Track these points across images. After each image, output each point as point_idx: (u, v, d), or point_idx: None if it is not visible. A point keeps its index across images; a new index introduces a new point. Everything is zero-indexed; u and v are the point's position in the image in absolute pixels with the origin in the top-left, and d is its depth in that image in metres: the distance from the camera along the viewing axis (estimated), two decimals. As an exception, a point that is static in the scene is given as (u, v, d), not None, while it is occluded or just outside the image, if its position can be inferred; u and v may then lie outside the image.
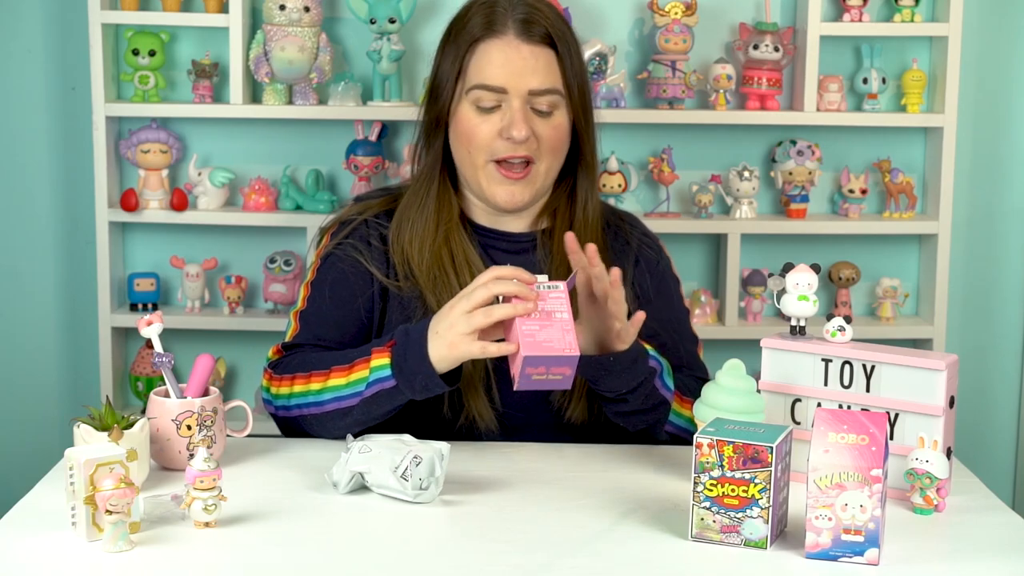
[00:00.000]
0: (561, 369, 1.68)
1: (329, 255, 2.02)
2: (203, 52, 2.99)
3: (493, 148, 1.96)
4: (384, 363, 1.80)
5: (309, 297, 2.01)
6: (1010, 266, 3.20)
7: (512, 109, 1.94)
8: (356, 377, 1.83)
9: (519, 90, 1.94)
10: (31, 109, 3.06)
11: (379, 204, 2.06)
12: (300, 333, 1.99)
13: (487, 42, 1.95)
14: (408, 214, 2.01)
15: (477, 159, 1.97)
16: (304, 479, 1.75)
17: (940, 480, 1.65)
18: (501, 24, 1.95)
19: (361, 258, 2.00)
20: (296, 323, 2.00)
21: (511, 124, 1.93)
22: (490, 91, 1.94)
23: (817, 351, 1.74)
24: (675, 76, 2.95)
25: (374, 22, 2.90)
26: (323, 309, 2.00)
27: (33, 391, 3.13)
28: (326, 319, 1.99)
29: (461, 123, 1.97)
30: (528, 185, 1.98)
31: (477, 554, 1.53)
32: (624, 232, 2.10)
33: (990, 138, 3.15)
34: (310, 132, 3.04)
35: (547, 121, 1.96)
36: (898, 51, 3.08)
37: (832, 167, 3.09)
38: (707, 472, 1.53)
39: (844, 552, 1.49)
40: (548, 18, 1.97)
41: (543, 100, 1.95)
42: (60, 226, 3.10)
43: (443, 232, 1.99)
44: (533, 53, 1.95)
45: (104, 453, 1.54)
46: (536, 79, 1.94)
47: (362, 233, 2.02)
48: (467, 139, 1.97)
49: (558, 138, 1.98)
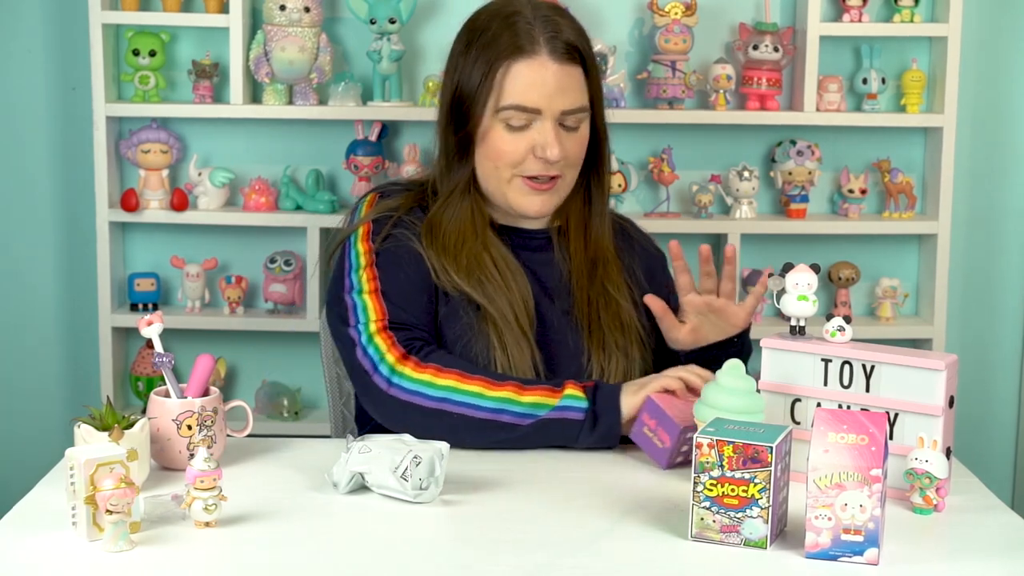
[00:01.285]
0: (665, 436, 1.80)
1: (387, 236, 1.99)
2: (203, 52, 2.99)
3: (524, 166, 1.97)
4: (578, 395, 1.84)
5: (381, 278, 1.96)
6: (1010, 266, 3.20)
7: (545, 130, 1.95)
8: (541, 400, 1.84)
9: (552, 111, 1.95)
10: (31, 109, 3.06)
11: (409, 198, 2.05)
12: (393, 312, 1.93)
13: (519, 62, 1.95)
14: (442, 225, 2.01)
15: (504, 174, 1.98)
16: (304, 479, 1.76)
17: (939, 480, 1.65)
18: (531, 43, 1.95)
19: (417, 246, 1.98)
20: (378, 302, 1.94)
21: (545, 144, 1.95)
22: (524, 112, 1.95)
23: (817, 351, 1.74)
24: (675, 76, 2.95)
25: (374, 22, 2.90)
26: (401, 290, 1.96)
27: (34, 391, 3.14)
28: (407, 299, 1.95)
29: (491, 141, 1.98)
30: (555, 195, 2.01)
31: (477, 554, 1.53)
32: (628, 231, 2.17)
33: (989, 138, 3.15)
34: (310, 132, 3.04)
35: (574, 136, 1.99)
36: (898, 51, 3.08)
37: (832, 167, 3.10)
38: (707, 472, 1.53)
39: (844, 552, 1.50)
40: (572, 31, 1.98)
41: (572, 118, 1.97)
42: (60, 226, 3.10)
43: (480, 240, 2.00)
44: (565, 72, 1.96)
45: (105, 453, 1.54)
46: (568, 99, 1.96)
47: (404, 226, 2.01)
48: (496, 155, 1.98)
49: (582, 150, 2.01)
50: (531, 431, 1.84)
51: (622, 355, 2.01)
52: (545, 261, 2.05)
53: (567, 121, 1.97)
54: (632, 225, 2.20)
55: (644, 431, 1.82)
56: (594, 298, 2.03)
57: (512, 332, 1.95)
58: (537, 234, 2.07)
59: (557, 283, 2.04)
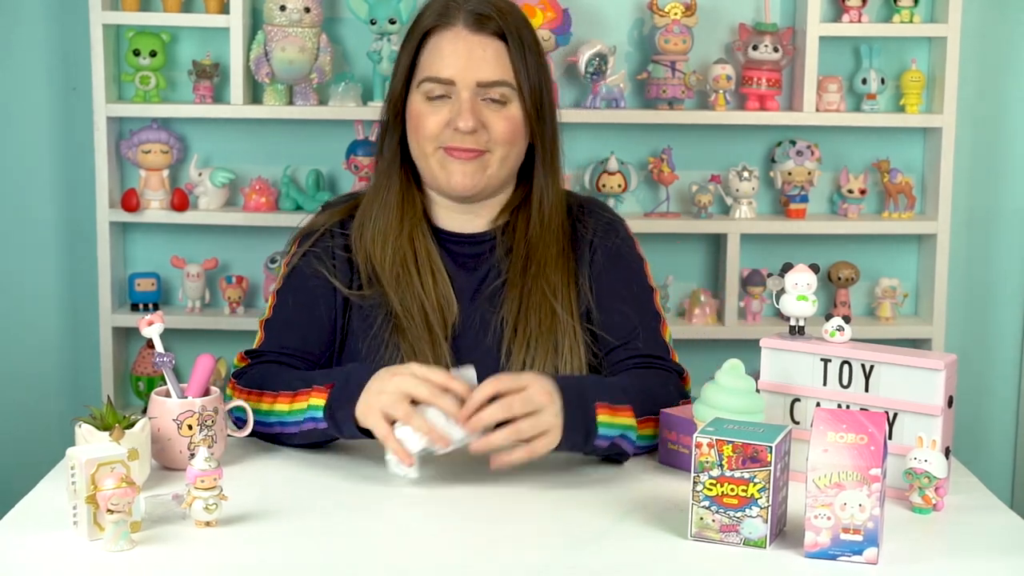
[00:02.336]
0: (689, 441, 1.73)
1: (294, 266, 2.03)
2: (204, 52, 3.00)
3: (441, 138, 1.96)
4: (319, 404, 1.80)
5: (275, 306, 2.02)
6: (1009, 266, 3.20)
7: (460, 100, 1.95)
8: (296, 407, 1.82)
9: (467, 81, 1.94)
10: (32, 109, 3.06)
11: (342, 211, 2.06)
12: (265, 342, 2.00)
13: (437, 34, 1.97)
14: (370, 212, 2.02)
15: (427, 147, 1.97)
16: (304, 479, 1.76)
17: (939, 479, 1.65)
18: (452, 16, 1.96)
19: (323, 268, 2.00)
20: (261, 332, 2.01)
21: (458, 115, 1.94)
22: (439, 83, 1.95)
23: (816, 351, 1.74)
24: (675, 76, 2.95)
25: (374, 23, 2.91)
26: (287, 318, 2.00)
27: (34, 391, 3.14)
28: (290, 328, 1.99)
29: (412, 114, 1.98)
30: (480, 168, 1.97)
31: (477, 553, 1.53)
32: (583, 221, 2.07)
33: (989, 138, 3.15)
34: (310, 132, 3.05)
35: (499, 113, 1.96)
36: (897, 52, 3.08)
37: (831, 167, 3.10)
38: (706, 471, 1.53)
39: (843, 551, 1.50)
40: (502, 12, 1.97)
41: (493, 91, 1.96)
42: (61, 226, 3.10)
43: (407, 230, 2.00)
44: (482, 44, 1.95)
45: (105, 452, 1.54)
46: (484, 70, 1.95)
47: (325, 242, 2.02)
48: (416, 129, 1.97)
49: (511, 130, 1.97)
50: (302, 436, 1.83)
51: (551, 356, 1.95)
52: (481, 263, 2.03)
53: (488, 95, 1.95)
54: (591, 212, 2.08)
55: (669, 447, 1.82)
56: (525, 299, 1.98)
57: (421, 333, 1.94)
58: (482, 237, 2.04)
59: (490, 284, 2.01)
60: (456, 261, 2.03)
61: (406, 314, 1.95)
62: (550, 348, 1.96)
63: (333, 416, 1.78)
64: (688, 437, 1.76)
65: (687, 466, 1.70)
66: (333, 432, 1.79)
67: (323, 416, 1.79)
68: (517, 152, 2.01)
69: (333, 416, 1.78)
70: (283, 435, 1.85)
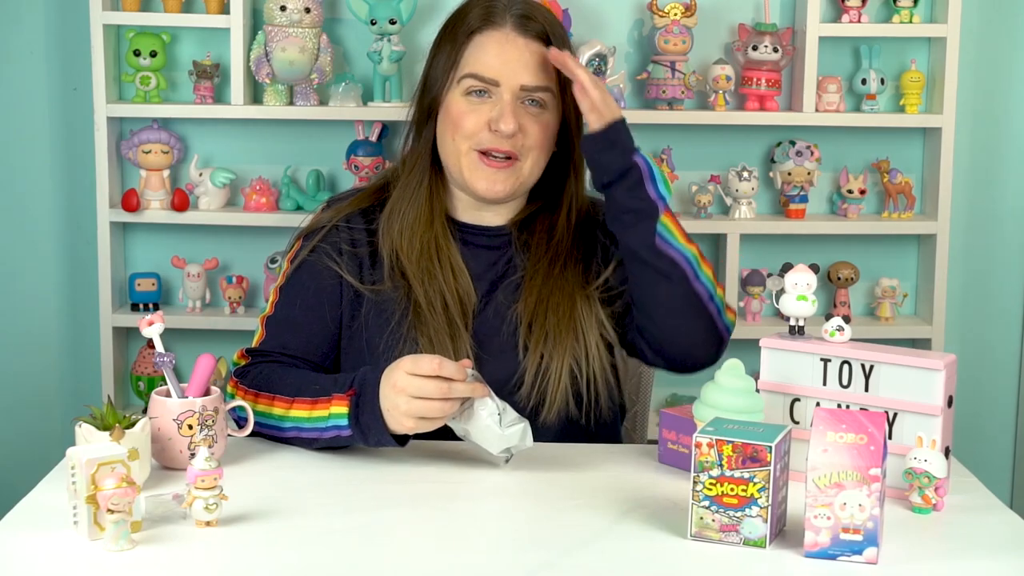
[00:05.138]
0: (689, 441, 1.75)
1: (300, 261, 2.02)
2: (204, 53, 3.00)
3: (479, 138, 1.96)
4: (342, 412, 1.79)
5: (278, 303, 2.02)
6: (1009, 266, 3.20)
7: (502, 102, 1.94)
8: (317, 415, 1.82)
9: (511, 84, 1.94)
10: (32, 110, 3.06)
11: (349, 205, 2.06)
12: (266, 340, 2.00)
13: (484, 34, 1.97)
14: (399, 206, 2.02)
15: (461, 146, 1.97)
16: (304, 479, 1.76)
17: (938, 479, 1.65)
18: (499, 17, 1.96)
19: (334, 265, 2.00)
20: (263, 329, 2.01)
21: (500, 117, 1.94)
22: (482, 81, 1.95)
23: (816, 351, 1.74)
24: (674, 77, 2.95)
25: (375, 23, 2.91)
26: (291, 316, 2.00)
27: (34, 391, 3.14)
28: (292, 328, 1.99)
29: (451, 111, 1.98)
30: (510, 176, 1.97)
31: (477, 553, 1.54)
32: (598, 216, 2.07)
33: (988, 139, 3.15)
34: (311, 132, 3.05)
35: (537, 117, 1.97)
36: (897, 52, 3.08)
37: (831, 167, 3.10)
38: (706, 471, 1.53)
39: (843, 551, 1.50)
40: (546, 17, 1.99)
41: (535, 96, 1.96)
42: (61, 226, 3.10)
43: (437, 224, 2.00)
44: (528, 47, 1.95)
45: (106, 452, 1.54)
46: (529, 74, 1.95)
47: (333, 239, 2.02)
48: (454, 126, 1.97)
49: (545, 136, 1.98)
50: (326, 442, 1.83)
51: (568, 355, 1.95)
52: (497, 256, 2.03)
53: (529, 99, 1.96)
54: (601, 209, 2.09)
55: (668, 447, 1.82)
56: (545, 296, 1.98)
57: (442, 325, 1.94)
58: (501, 230, 2.04)
59: (508, 278, 2.01)
60: (475, 255, 2.02)
61: (429, 306, 1.95)
62: (570, 341, 1.96)
63: (359, 422, 1.78)
64: (688, 437, 1.76)
65: (687, 466, 1.70)
66: (359, 440, 1.79)
67: (348, 424, 1.79)
68: (546, 157, 2.01)
69: (359, 422, 1.78)
70: (299, 439, 1.85)
